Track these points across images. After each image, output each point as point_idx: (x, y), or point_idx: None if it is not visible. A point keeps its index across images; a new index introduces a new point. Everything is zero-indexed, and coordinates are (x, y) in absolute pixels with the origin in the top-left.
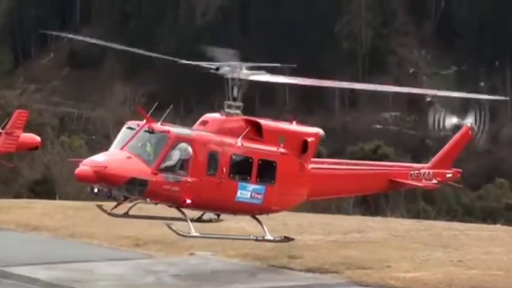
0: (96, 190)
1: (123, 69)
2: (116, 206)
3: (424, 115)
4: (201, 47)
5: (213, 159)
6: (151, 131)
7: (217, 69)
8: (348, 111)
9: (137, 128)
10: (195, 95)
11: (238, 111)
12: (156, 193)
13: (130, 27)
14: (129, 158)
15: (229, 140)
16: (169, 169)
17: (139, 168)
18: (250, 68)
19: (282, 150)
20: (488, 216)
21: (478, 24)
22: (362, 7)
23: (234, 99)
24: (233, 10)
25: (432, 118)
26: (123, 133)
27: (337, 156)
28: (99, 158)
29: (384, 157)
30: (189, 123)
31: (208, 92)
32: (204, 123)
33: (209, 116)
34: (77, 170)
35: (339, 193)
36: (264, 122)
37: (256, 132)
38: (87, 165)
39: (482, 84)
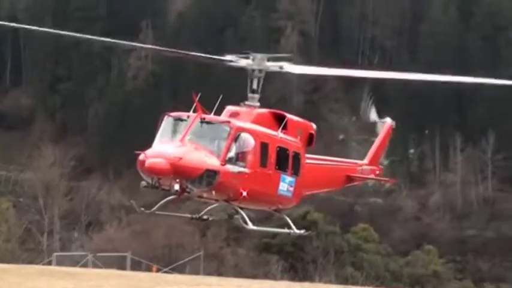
0: (156, 184)
1: (53, 131)
2: (180, 196)
3: None
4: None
5: (265, 150)
6: (209, 122)
7: (235, 61)
8: None
9: (189, 119)
10: (126, 158)
11: (258, 104)
12: (223, 185)
13: (61, 89)
14: (196, 149)
15: (272, 131)
16: (232, 160)
17: (210, 160)
18: (272, 59)
19: (300, 142)
20: (416, 283)
21: (408, 91)
22: None
23: (254, 92)
24: (164, 75)
25: None
26: (170, 124)
27: (265, 221)
28: (169, 150)
29: (313, 223)
30: (118, 188)
31: (138, 155)
32: (235, 114)
33: (234, 108)
34: (149, 163)
35: (318, 187)
36: (289, 115)
37: (280, 124)
38: (159, 157)
39: (411, 151)
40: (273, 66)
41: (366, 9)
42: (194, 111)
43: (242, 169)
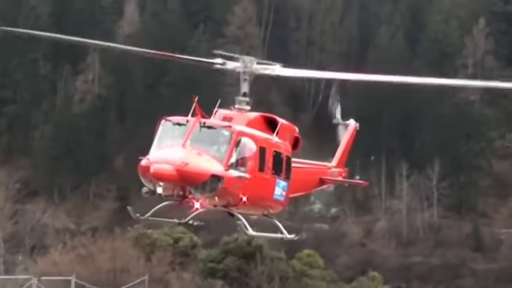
0: (160, 190)
1: None
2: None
3: (301, 206)
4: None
5: (263, 155)
6: (210, 126)
7: (223, 64)
8: None
9: (188, 124)
10: (70, 182)
11: (248, 107)
12: (226, 191)
13: (7, 111)
14: (199, 154)
15: (269, 136)
16: (234, 165)
17: (215, 165)
18: (261, 63)
19: (289, 146)
20: None
21: (354, 117)
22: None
23: (244, 95)
24: (111, 98)
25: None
26: (169, 129)
27: (212, 245)
28: (174, 155)
29: (259, 248)
30: (63, 211)
31: (84, 179)
32: (228, 118)
33: (226, 112)
34: (154, 168)
35: (298, 191)
36: (279, 119)
37: (270, 127)
38: (164, 162)
39: (357, 177)
40: (262, 69)
41: (313, 34)
42: (192, 115)
43: (243, 174)
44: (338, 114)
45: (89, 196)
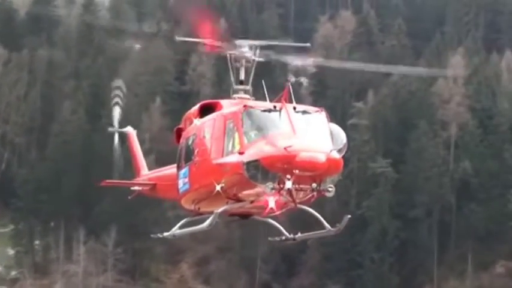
0: (290, 184)
1: None
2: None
3: None
4: None
5: None
6: (304, 111)
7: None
8: None
9: (281, 110)
10: None
11: (248, 96)
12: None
13: None
14: (323, 142)
15: None
16: None
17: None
18: (262, 47)
19: None
20: None
21: (35, 186)
22: None
23: (241, 83)
24: None
25: None
26: (259, 116)
27: None
28: (314, 144)
29: None
30: None
31: None
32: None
33: (234, 101)
34: (312, 158)
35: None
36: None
37: None
38: (318, 151)
39: (37, 242)
40: (260, 55)
41: None
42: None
43: None
44: (116, 123)
45: None
